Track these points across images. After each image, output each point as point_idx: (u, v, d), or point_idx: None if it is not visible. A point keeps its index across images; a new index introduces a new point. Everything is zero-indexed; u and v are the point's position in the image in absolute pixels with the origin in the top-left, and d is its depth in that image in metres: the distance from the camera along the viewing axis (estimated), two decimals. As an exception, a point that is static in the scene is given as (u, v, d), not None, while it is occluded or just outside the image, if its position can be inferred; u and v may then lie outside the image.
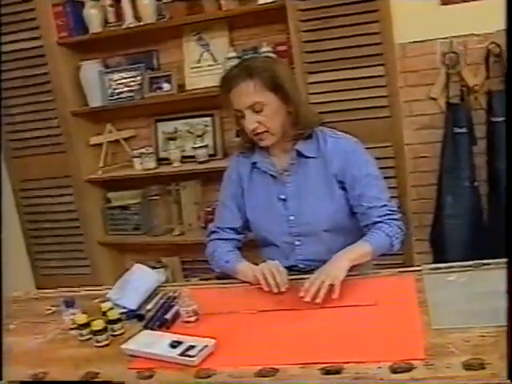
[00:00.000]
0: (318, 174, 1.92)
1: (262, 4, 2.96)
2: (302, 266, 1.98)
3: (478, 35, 2.75)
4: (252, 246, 2.11)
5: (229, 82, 1.86)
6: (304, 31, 2.87)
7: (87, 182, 3.49)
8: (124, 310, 1.76)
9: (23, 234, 3.66)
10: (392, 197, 2.10)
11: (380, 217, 1.86)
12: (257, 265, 1.86)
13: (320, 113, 2.83)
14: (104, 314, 1.69)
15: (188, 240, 3.38)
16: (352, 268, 1.74)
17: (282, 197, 1.95)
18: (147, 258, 3.63)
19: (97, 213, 3.59)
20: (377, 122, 2.86)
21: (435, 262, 2.89)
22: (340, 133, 2.00)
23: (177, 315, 1.69)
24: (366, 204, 1.87)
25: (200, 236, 3.29)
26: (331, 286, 1.64)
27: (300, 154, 1.93)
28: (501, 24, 2.64)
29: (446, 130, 2.82)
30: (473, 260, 1.78)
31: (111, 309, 1.70)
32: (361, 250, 1.79)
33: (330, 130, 2.00)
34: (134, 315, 1.76)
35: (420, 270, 1.78)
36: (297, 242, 1.96)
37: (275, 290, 1.75)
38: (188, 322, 1.64)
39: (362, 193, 1.88)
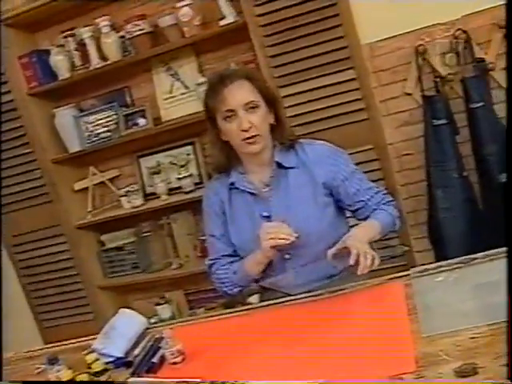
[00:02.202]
0: (300, 184, 1.89)
1: (224, 25, 2.93)
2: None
3: (443, 24, 2.70)
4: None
5: (224, 79, 1.84)
6: (269, 46, 2.83)
7: (78, 228, 3.45)
8: (111, 359, 1.71)
9: (22, 289, 3.63)
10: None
11: (379, 203, 1.93)
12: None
13: (297, 125, 2.83)
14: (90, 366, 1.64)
15: (188, 272, 3.33)
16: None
17: (265, 214, 1.90)
18: (150, 295, 3.60)
19: (93, 257, 3.54)
20: (355, 125, 2.81)
21: (437, 258, 2.83)
22: (313, 140, 1.99)
23: (164, 357, 1.63)
24: (364, 198, 1.92)
25: (199, 266, 3.25)
26: None
27: (280, 166, 1.90)
28: (464, 9, 2.64)
29: (425, 124, 2.76)
30: (475, 251, 1.73)
31: (96, 360, 1.65)
32: (374, 228, 1.83)
33: (303, 139, 1.98)
34: (121, 363, 1.70)
35: (408, 275, 1.71)
36: (286, 256, 1.90)
37: (291, 239, 1.74)
38: (174, 363, 1.58)
39: (357, 189, 1.91)
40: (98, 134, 3.31)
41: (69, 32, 3.23)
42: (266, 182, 1.92)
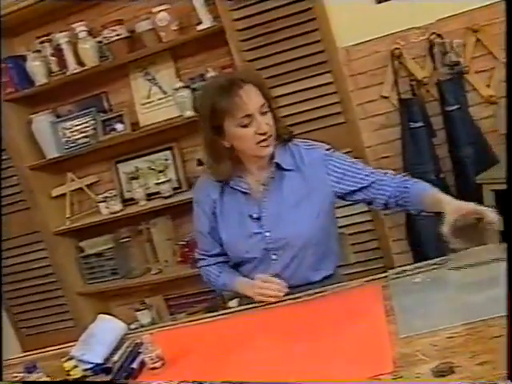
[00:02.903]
0: (295, 188, 1.88)
1: (201, 30, 2.93)
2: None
3: (418, 28, 2.74)
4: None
5: (232, 85, 1.77)
6: (246, 50, 2.85)
7: (57, 235, 3.43)
8: (90, 366, 1.69)
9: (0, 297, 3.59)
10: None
11: (394, 178, 1.89)
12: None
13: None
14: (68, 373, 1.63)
15: (167, 277, 3.32)
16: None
17: (255, 215, 1.89)
18: (131, 301, 3.59)
19: (72, 264, 3.52)
20: (333, 129, 2.83)
21: (415, 259, 2.84)
22: (309, 142, 1.96)
23: (143, 363, 1.62)
24: (377, 177, 1.88)
25: (179, 271, 3.25)
26: None
27: (279, 167, 1.88)
28: (439, 13, 2.67)
29: (402, 127, 2.79)
30: (452, 252, 1.74)
31: (75, 367, 1.64)
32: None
33: (300, 141, 1.96)
34: (100, 369, 1.69)
35: (386, 277, 1.72)
36: (273, 257, 1.89)
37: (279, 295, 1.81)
38: (154, 368, 1.57)
39: (364, 174, 1.88)
40: (76, 139, 3.30)
41: (45, 37, 3.21)
42: (263, 182, 1.90)
